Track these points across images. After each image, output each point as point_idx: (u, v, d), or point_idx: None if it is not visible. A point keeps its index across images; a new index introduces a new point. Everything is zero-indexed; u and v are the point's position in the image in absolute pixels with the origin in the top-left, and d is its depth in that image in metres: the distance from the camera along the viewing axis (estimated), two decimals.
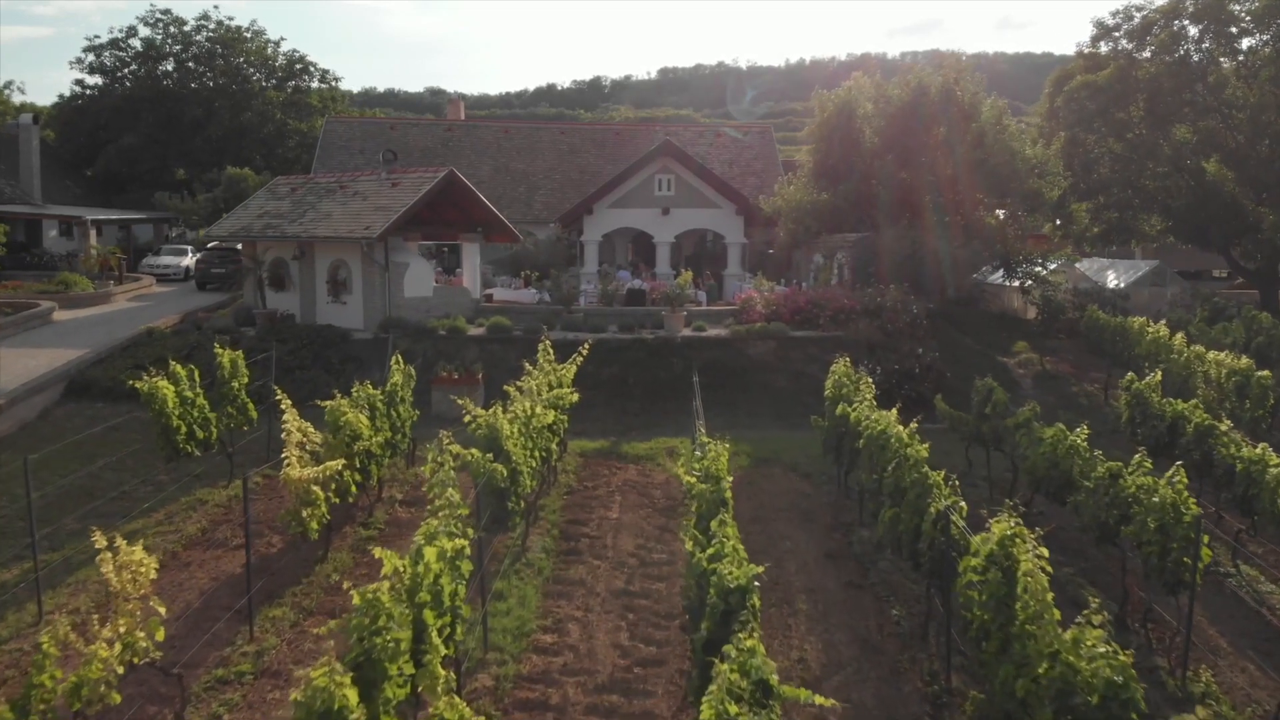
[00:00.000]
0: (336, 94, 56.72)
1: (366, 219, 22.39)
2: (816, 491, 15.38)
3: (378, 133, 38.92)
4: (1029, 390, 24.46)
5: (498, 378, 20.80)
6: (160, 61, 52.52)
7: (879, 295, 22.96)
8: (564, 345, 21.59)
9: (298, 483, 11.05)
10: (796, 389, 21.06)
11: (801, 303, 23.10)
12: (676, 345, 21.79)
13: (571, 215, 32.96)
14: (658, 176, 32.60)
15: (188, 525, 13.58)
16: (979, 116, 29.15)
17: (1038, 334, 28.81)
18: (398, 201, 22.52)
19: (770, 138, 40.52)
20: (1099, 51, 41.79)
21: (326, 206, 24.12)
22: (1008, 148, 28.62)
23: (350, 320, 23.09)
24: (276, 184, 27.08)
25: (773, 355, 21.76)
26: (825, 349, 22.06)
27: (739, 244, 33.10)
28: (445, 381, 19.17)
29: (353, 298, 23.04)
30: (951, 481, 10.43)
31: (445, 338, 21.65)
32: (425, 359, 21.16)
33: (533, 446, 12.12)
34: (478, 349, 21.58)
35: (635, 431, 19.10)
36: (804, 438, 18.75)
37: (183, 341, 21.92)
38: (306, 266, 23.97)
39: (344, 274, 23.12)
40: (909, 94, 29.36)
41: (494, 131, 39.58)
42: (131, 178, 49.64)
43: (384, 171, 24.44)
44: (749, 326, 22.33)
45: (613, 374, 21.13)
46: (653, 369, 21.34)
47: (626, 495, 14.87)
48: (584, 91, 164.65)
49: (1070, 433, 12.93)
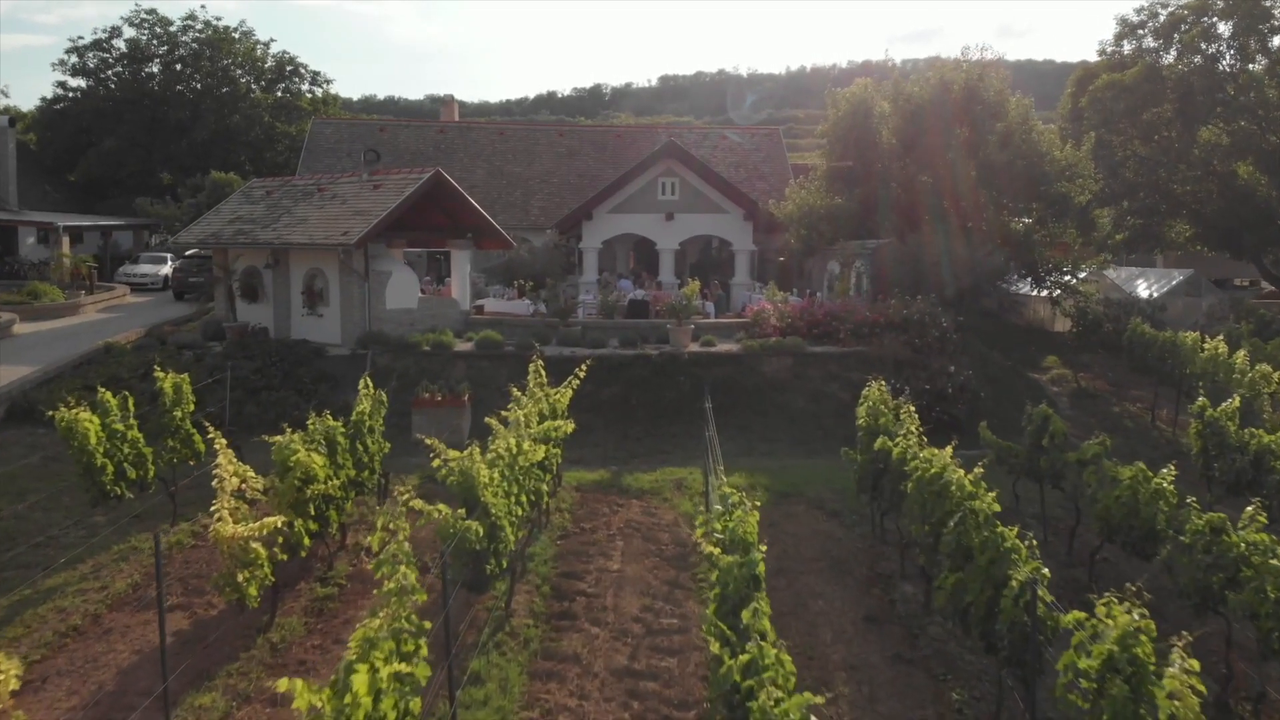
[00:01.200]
0: (329, 97, 54.87)
1: (344, 224, 20.49)
2: (848, 535, 13.41)
3: (367, 134, 37.05)
4: (1066, 410, 22.50)
5: (487, 398, 18.87)
6: (145, 63, 50.71)
7: (904, 307, 21.02)
8: (560, 362, 19.64)
9: (231, 541, 9.09)
10: (816, 411, 19.11)
11: (819, 315, 21.17)
12: (683, 362, 19.85)
13: (569, 221, 31.06)
14: (661, 180, 30.71)
15: (117, 580, 11.63)
16: (1005, 115, 27.25)
17: (1069, 348, 26.89)
18: (379, 205, 20.62)
19: (779, 140, 38.63)
20: (1122, 50, 40.07)
21: (302, 210, 22.22)
22: (1035, 149, 26.72)
23: (327, 334, 21.17)
24: (251, 187, 25.18)
25: (789, 373, 19.81)
26: (846, 366, 20.12)
27: (747, 251, 31.18)
28: (428, 404, 17.23)
29: (330, 310, 21.12)
30: (1027, 540, 8.50)
31: (430, 354, 19.71)
32: (407, 377, 19.23)
33: (519, 491, 10.17)
34: (465, 366, 19.63)
35: (639, 459, 17.15)
36: (827, 466, 16.82)
37: (142, 358, 19.97)
38: (281, 276, 22.05)
39: (320, 284, 21.21)
40: (930, 91, 27.47)
41: (489, 134, 37.70)
42: (114, 183, 47.80)
43: (365, 173, 22.54)
44: (762, 341, 20.39)
45: (614, 394, 19.20)
46: (657, 388, 19.40)
47: (629, 540, 12.90)
48: (584, 99, 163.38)
49: (1153, 474, 10.97)
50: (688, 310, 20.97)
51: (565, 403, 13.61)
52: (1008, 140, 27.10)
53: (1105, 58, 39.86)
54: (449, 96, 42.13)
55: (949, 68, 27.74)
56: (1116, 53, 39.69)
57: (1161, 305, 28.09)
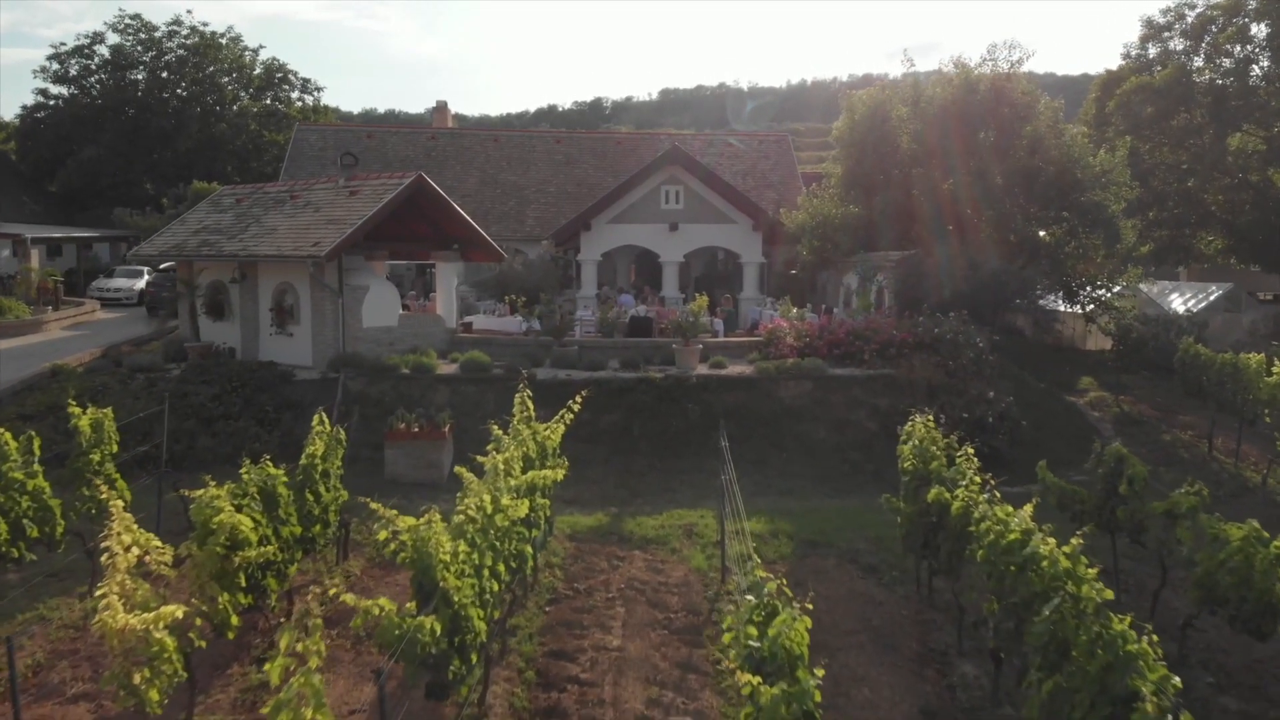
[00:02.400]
0: (319, 105, 53.12)
1: (316, 234, 18.55)
2: (889, 597, 11.37)
3: (353, 141, 35.18)
4: (1109, 436, 20.50)
5: (471, 428, 16.86)
6: (129, 70, 48.94)
7: (935, 325, 19.05)
8: (554, 387, 17.69)
9: (124, 634, 7.08)
10: (840, 442, 17.11)
11: (841, 334, 19.20)
12: (691, 386, 17.86)
13: (567, 231, 29.14)
14: (664, 188, 28.81)
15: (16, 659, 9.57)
16: (1034, 118, 25.39)
17: (1105, 368, 24.93)
18: (354, 213, 18.70)
19: (787, 146, 36.75)
20: (1147, 53, 38.27)
21: (272, 220, 20.30)
22: (1068, 154, 24.83)
23: (297, 355, 19.20)
24: (221, 195, 23.27)
25: (809, 399, 17.82)
26: (872, 391, 18.13)
27: (756, 264, 29.25)
28: (403, 436, 15.23)
29: (300, 329, 19.16)
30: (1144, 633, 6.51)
31: (409, 377, 17.73)
32: (383, 404, 17.24)
33: (495, 560, 8.16)
34: (448, 392, 17.64)
35: (642, 499, 15.13)
36: (857, 509, 14.82)
37: (91, 383, 18.00)
38: (248, 291, 20.10)
39: (290, 300, 19.25)
40: (953, 92, 25.61)
41: (482, 140, 35.84)
42: (94, 193, 45.95)
43: (342, 178, 20.62)
44: (778, 363, 18.41)
45: (614, 423, 17.20)
46: (663, 416, 17.41)
47: (632, 605, 10.87)
48: (585, 112, 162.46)
49: (1270, 535, 8.96)
50: (695, 329, 19.01)
51: (557, 440, 11.61)
52: (1037, 145, 25.25)
53: (1130, 61, 38.07)
54: (442, 103, 40.27)
55: (970, 67, 25.89)
56: (1141, 56, 37.92)
57: (1203, 321, 26.13)
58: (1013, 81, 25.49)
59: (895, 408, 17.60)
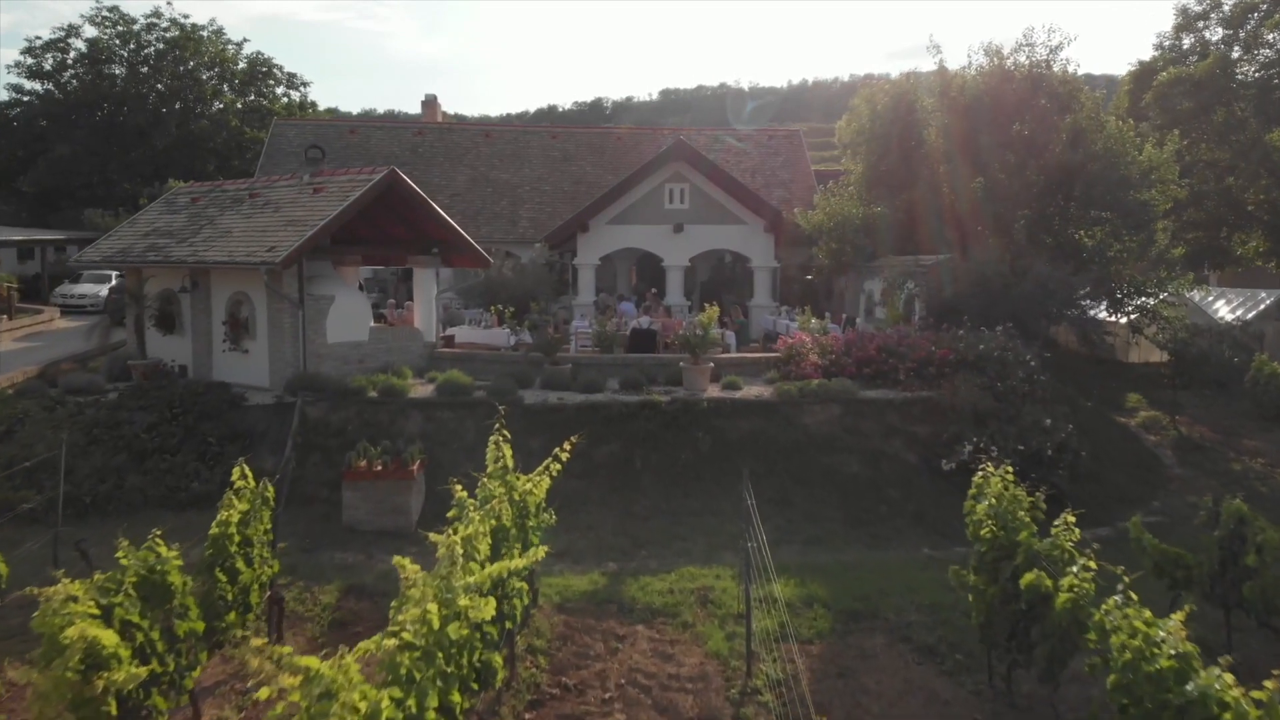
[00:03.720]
0: (305, 101, 50.83)
1: (273, 237, 16.26)
2: (956, 693, 9.04)
3: (335, 137, 32.91)
4: (1173, 466, 18.22)
5: (448, 461, 14.59)
6: (105, 64, 46.62)
7: (979, 340, 16.77)
8: (544, 413, 15.38)
9: None
10: (874, 477, 14.79)
11: (871, 350, 16.90)
12: (701, 411, 15.55)
13: (562, 233, 26.85)
14: (668, 186, 26.52)
15: None
16: (1076, 107, 23.10)
17: (1152, 383, 22.66)
18: (317, 213, 16.41)
19: (799, 142, 34.43)
20: (1181, 44, 35.98)
21: (228, 221, 18.01)
22: (1112, 149, 22.54)
23: (253, 375, 16.92)
24: (176, 194, 20.96)
25: (837, 426, 15.51)
26: (909, 417, 15.82)
27: (768, 268, 26.94)
28: (363, 475, 12.92)
29: (257, 344, 16.87)
30: None
31: (377, 402, 15.42)
32: (346, 434, 14.94)
33: (444, 688, 5.89)
34: (422, 418, 15.33)
35: (646, 549, 12.83)
36: (900, 562, 12.54)
37: (12, 409, 15.68)
38: (200, 301, 17.81)
39: (246, 312, 16.96)
40: (986, 81, 23.32)
41: (472, 136, 33.52)
42: (66, 193, 43.65)
43: (306, 174, 18.32)
44: (801, 384, 16.11)
45: (613, 454, 14.90)
46: (669, 446, 15.10)
47: (635, 710, 8.55)
48: (585, 113, 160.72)
49: None
50: (705, 344, 16.71)
51: (541, 494, 9.31)
52: (1078, 138, 22.96)
53: (1163, 52, 35.79)
54: (431, 97, 38.00)
55: (1008, 54, 23.58)
56: (1175, 46, 35.64)
57: (1259, 332, 23.83)
58: (1051, 69, 23.19)
59: (937, 437, 15.32)
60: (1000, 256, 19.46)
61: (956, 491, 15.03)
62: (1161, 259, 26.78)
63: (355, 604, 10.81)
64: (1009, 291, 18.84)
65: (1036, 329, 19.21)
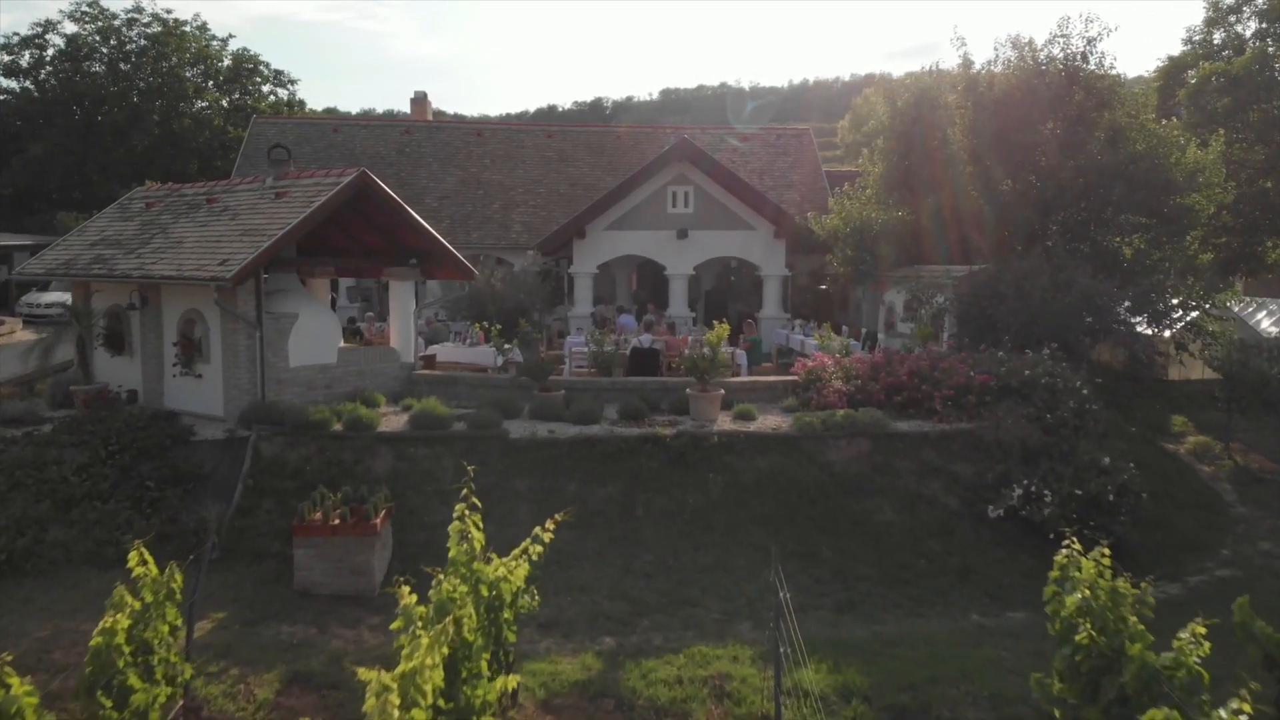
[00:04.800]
0: (293, 100, 48.96)
1: (227, 248, 14.40)
2: None
3: (317, 136, 31.03)
4: (1233, 501, 16.35)
5: (421, 508, 12.74)
6: (84, 61, 44.75)
7: (1023, 364, 14.89)
8: (532, 449, 13.49)
9: None
10: (911, 525, 12.90)
11: (903, 375, 15.01)
12: (711, 447, 13.67)
13: (557, 240, 24.97)
14: (671, 188, 24.65)
15: None
16: (1116, 103, 21.24)
17: (1195, 403, 20.79)
18: (277, 221, 14.55)
19: (810, 141, 32.53)
20: (1211, 38, 34.13)
21: (181, 229, 16.16)
22: (1154, 148, 20.68)
23: (207, 402, 15.07)
24: (132, 198, 19.09)
25: (867, 464, 13.63)
26: (949, 453, 13.94)
27: (779, 277, 25.06)
28: (317, 530, 11.03)
29: (210, 368, 15.01)
30: None
31: (341, 437, 13.54)
32: (305, 475, 13.08)
33: None
34: (392, 456, 13.45)
35: (649, 619, 10.94)
36: (948, 635, 10.66)
37: None
38: (150, 319, 15.95)
39: (200, 331, 15.10)
40: (1015, 76, 21.43)
41: (463, 134, 31.62)
42: (42, 195, 41.82)
43: (269, 177, 16.44)
44: (824, 415, 14.23)
45: (611, 498, 13.01)
46: (675, 488, 13.22)
47: None
48: (585, 112, 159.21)
49: None
50: (714, 367, 14.85)
51: (520, 580, 7.42)
52: (1117, 137, 21.09)
53: (1193, 47, 33.96)
54: (421, 94, 36.12)
55: (1040, 46, 21.67)
56: (1206, 40, 33.80)
57: None
58: (1088, 62, 21.31)
59: (981, 477, 13.45)
60: (1039, 268, 17.58)
61: (1005, 542, 13.20)
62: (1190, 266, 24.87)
63: (299, 699, 8.93)
64: (1050, 307, 16.96)
65: (1080, 348, 17.34)
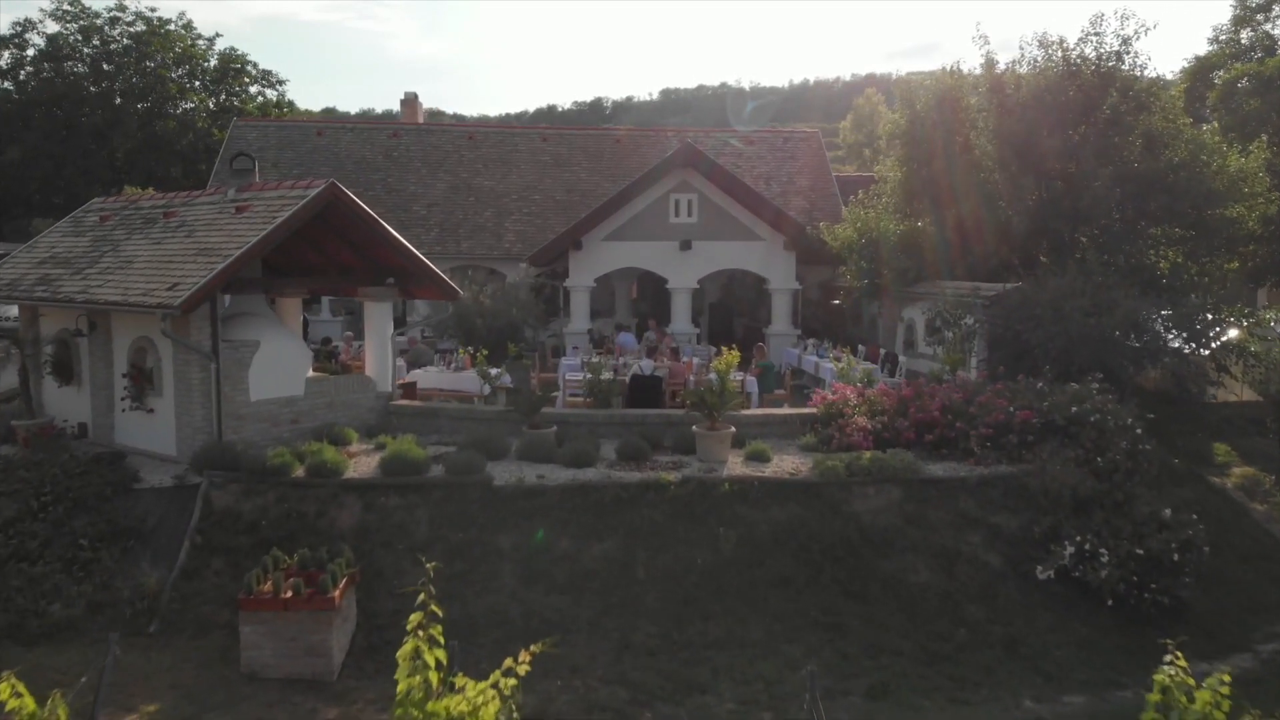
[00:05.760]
0: (283, 100, 47.40)
1: (178, 270, 12.88)
2: None
3: (300, 139, 29.49)
4: None
5: (391, 569, 11.19)
6: (65, 61, 43.21)
7: (1069, 398, 13.36)
8: (519, 499, 11.88)
9: None
10: (949, 589, 11.36)
11: (934, 411, 13.47)
12: (722, 496, 12.13)
13: (551, 251, 23.44)
14: (674, 196, 23.12)
15: None
16: (1154, 106, 19.74)
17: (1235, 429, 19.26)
18: (235, 239, 13.02)
19: (818, 144, 31.00)
20: (1239, 38, 32.67)
21: (133, 247, 14.64)
22: (1196, 155, 19.18)
23: (160, 440, 13.55)
24: (88, 209, 17.54)
25: (897, 515, 12.08)
26: (988, 503, 12.39)
27: (789, 290, 23.53)
28: (266, 604, 9.49)
29: (163, 402, 13.47)
30: None
31: (303, 485, 11.99)
32: (260, 530, 11.53)
33: None
34: (360, 507, 11.89)
35: (651, 708, 9.41)
36: None
37: None
38: (99, 347, 14.42)
39: (152, 361, 13.57)
40: (1044, 77, 19.92)
41: (454, 138, 30.07)
42: (19, 200, 40.29)
43: (231, 188, 14.90)
44: (849, 458, 12.68)
45: (607, 557, 11.46)
46: (681, 544, 11.67)
47: None
48: (585, 112, 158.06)
49: None
50: (724, 401, 13.32)
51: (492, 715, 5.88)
52: (1154, 142, 19.60)
53: (1219, 46, 32.54)
54: (412, 95, 34.55)
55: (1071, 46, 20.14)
56: (1233, 41, 32.37)
57: None
58: (1122, 62, 19.80)
59: (1026, 531, 11.92)
60: (1078, 287, 16.05)
61: (1056, 606, 11.63)
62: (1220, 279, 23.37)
63: None
64: (1092, 330, 15.42)
65: (1125, 375, 15.81)
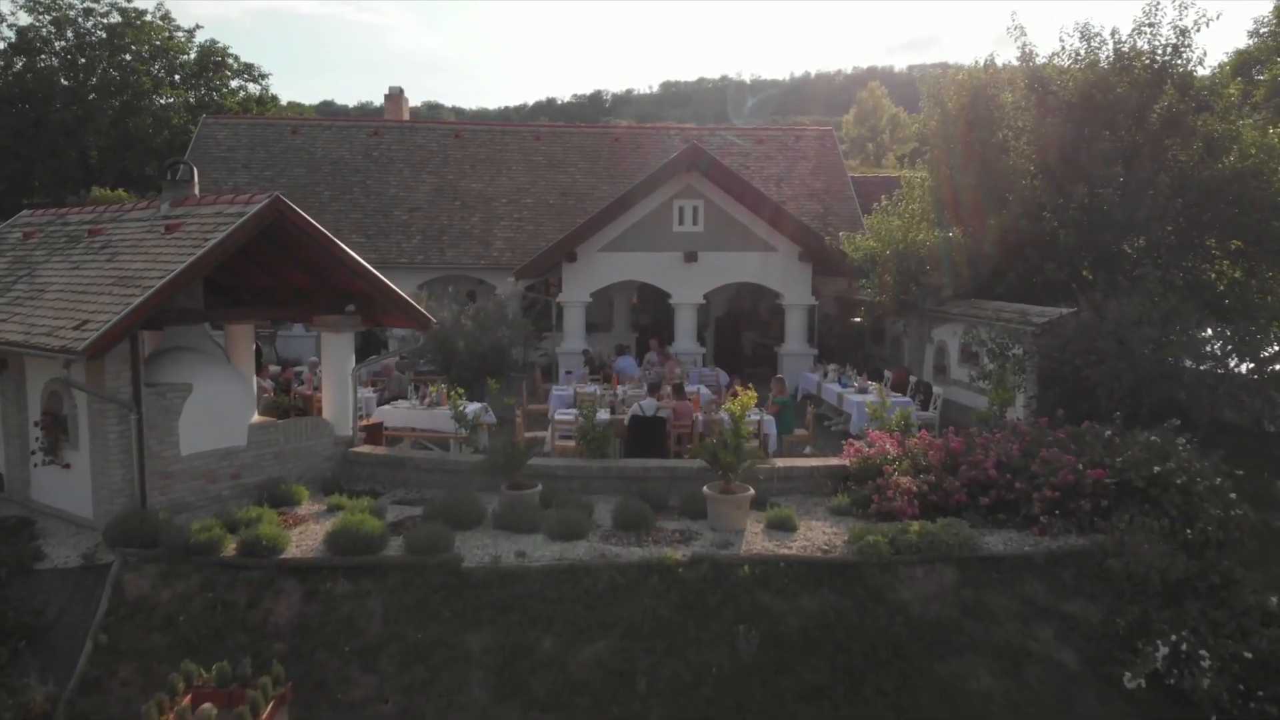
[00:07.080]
0: (266, 95, 45.26)
1: (91, 303, 10.81)
2: None
3: (273, 138, 27.36)
4: None
5: (332, 677, 9.11)
6: (37, 55, 41.07)
7: (1150, 451, 11.31)
8: (491, 586, 9.71)
9: None
10: (1017, 698, 9.29)
11: (989, 468, 11.40)
12: (740, 581, 10.05)
13: (543, 264, 21.36)
14: (678, 203, 21.04)
15: None
16: (1213, 105, 17.67)
17: None
18: (162, 263, 10.96)
19: (832, 143, 28.85)
20: None
21: (50, 272, 12.57)
22: (1265, 162, 17.12)
23: (77, 500, 11.50)
24: (13, 224, 15.42)
25: (952, 604, 10.01)
26: (1060, 585, 10.31)
27: (804, 306, 21.47)
28: None
29: (80, 456, 11.41)
30: None
31: (233, 566, 9.91)
32: (178, 627, 9.48)
33: None
34: (301, 594, 9.82)
35: None
36: None
37: None
38: (12, 390, 12.36)
39: (69, 408, 11.51)
40: (1092, 73, 17.83)
41: (439, 136, 27.92)
42: None
43: (166, 201, 12.80)
44: (891, 529, 10.62)
45: (601, 662, 9.37)
46: (691, 645, 9.57)
47: None
48: (584, 105, 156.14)
49: None
50: (742, 459, 11.25)
51: None
52: (1214, 146, 17.54)
53: (1260, 39, 30.45)
54: (397, 89, 32.41)
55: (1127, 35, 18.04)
56: (1275, 34, 30.25)
57: None
58: (1180, 57, 17.72)
59: (1108, 624, 9.84)
60: (1144, 313, 13.98)
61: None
62: None
63: None
64: (1164, 366, 13.37)
65: (1200, 418, 13.75)
